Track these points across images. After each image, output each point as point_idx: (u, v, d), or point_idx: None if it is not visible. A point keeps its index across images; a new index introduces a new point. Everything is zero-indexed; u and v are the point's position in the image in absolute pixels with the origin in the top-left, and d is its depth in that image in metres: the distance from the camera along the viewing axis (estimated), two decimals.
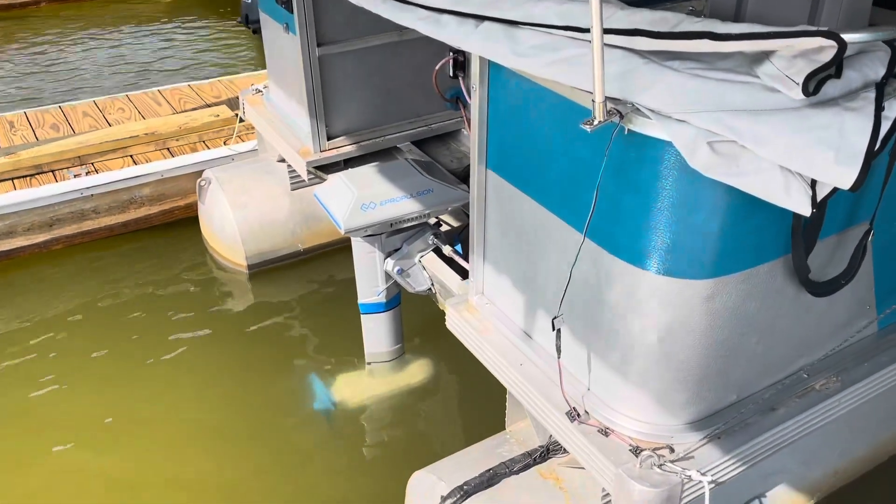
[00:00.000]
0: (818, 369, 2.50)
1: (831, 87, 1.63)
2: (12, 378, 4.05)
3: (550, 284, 2.37)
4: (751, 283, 2.06)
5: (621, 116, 1.81)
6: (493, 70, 2.34)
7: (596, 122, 1.76)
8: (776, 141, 1.62)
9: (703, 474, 2.16)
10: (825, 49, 1.54)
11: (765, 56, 1.65)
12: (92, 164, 5.13)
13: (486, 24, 2.07)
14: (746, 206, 1.88)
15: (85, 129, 5.49)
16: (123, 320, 4.44)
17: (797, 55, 1.59)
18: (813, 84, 1.58)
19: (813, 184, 1.66)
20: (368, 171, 3.59)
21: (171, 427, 3.77)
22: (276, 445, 3.67)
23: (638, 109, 1.79)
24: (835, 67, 1.60)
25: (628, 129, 1.85)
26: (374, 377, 3.99)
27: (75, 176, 4.97)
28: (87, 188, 4.89)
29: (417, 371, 4.02)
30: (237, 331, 4.38)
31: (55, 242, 4.96)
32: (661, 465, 2.16)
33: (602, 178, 1.95)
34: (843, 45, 1.52)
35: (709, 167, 1.69)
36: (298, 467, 3.57)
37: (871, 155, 1.54)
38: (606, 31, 1.79)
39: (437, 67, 3.04)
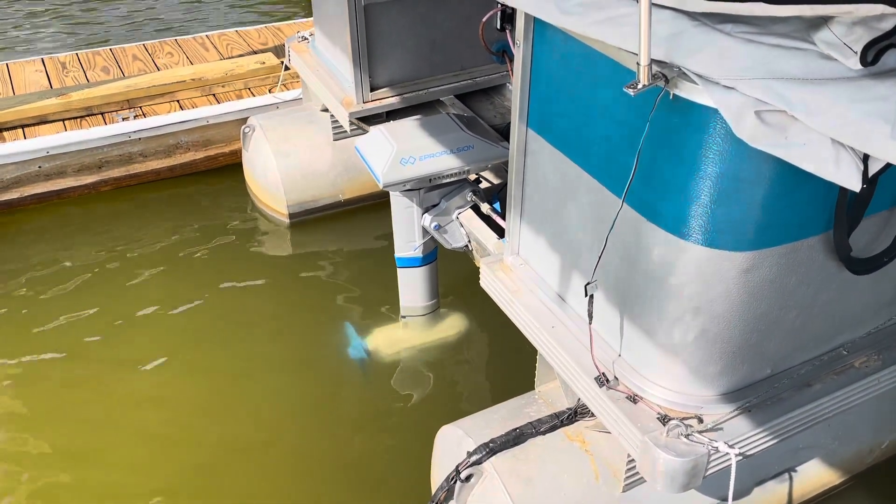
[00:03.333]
0: (859, 346, 2.44)
1: (892, 57, 1.54)
2: (60, 313, 4.21)
3: (586, 249, 2.34)
4: (792, 258, 2.01)
5: (667, 81, 1.75)
6: (538, 27, 2.27)
7: (640, 86, 1.70)
8: (829, 111, 1.55)
9: (730, 446, 2.14)
10: (887, 17, 1.46)
11: (823, 22, 1.57)
12: (140, 107, 5.20)
13: None
14: (791, 179, 1.82)
15: (134, 72, 5.55)
16: (164, 262, 4.54)
17: (857, 22, 1.51)
18: (872, 53, 1.50)
19: (865, 158, 1.59)
20: (409, 124, 3.56)
21: (204, 364, 3.88)
22: (308, 389, 3.76)
23: (685, 74, 1.73)
24: None
25: (673, 95, 1.79)
26: (409, 330, 4.04)
27: (123, 119, 5.05)
28: (135, 131, 4.96)
29: (451, 326, 4.05)
30: (275, 278, 4.46)
31: (104, 184, 5.08)
32: (688, 434, 2.15)
33: (644, 143, 1.90)
34: None
35: (755, 137, 1.63)
36: (329, 412, 3.65)
37: None
38: None
39: (484, 19, 2.97)
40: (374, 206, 4.81)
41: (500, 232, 3.28)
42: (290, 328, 4.11)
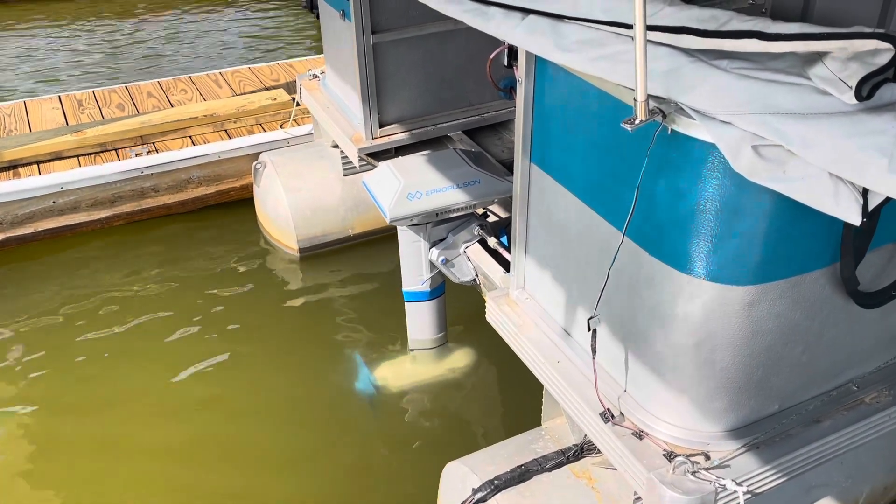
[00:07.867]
0: (869, 382, 2.41)
1: (888, 92, 1.54)
2: (72, 344, 4.23)
3: (590, 283, 2.33)
4: (796, 292, 1.99)
5: (664, 116, 1.76)
6: (540, 64, 2.30)
7: (637, 122, 1.71)
8: (825, 145, 1.54)
9: (738, 484, 2.11)
10: (881, 52, 1.47)
11: (818, 57, 1.58)
12: (153, 143, 5.28)
13: (532, 17, 2.04)
14: (792, 213, 1.81)
15: (149, 109, 5.65)
16: (175, 296, 4.57)
17: (851, 57, 1.52)
18: (867, 88, 1.50)
19: (864, 192, 1.59)
20: (416, 160, 3.60)
21: (211, 396, 3.88)
22: (316, 422, 3.75)
23: (682, 109, 1.74)
24: (892, 71, 1.52)
25: (671, 130, 1.80)
26: (417, 363, 4.02)
27: (136, 155, 5.13)
28: (148, 167, 5.04)
29: (459, 360, 4.03)
30: (285, 312, 4.47)
31: (116, 218, 5.14)
32: (694, 471, 2.11)
33: (643, 178, 1.91)
34: None
35: (753, 171, 1.63)
36: (335, 444, 3.63)
37: None
38: (652, 28, 1.74)
39: (491, 56, 3.02)
40: (383, 239, 4.84)
41: (507, 266, 3.28)
42: (298, 361, 4.11)
